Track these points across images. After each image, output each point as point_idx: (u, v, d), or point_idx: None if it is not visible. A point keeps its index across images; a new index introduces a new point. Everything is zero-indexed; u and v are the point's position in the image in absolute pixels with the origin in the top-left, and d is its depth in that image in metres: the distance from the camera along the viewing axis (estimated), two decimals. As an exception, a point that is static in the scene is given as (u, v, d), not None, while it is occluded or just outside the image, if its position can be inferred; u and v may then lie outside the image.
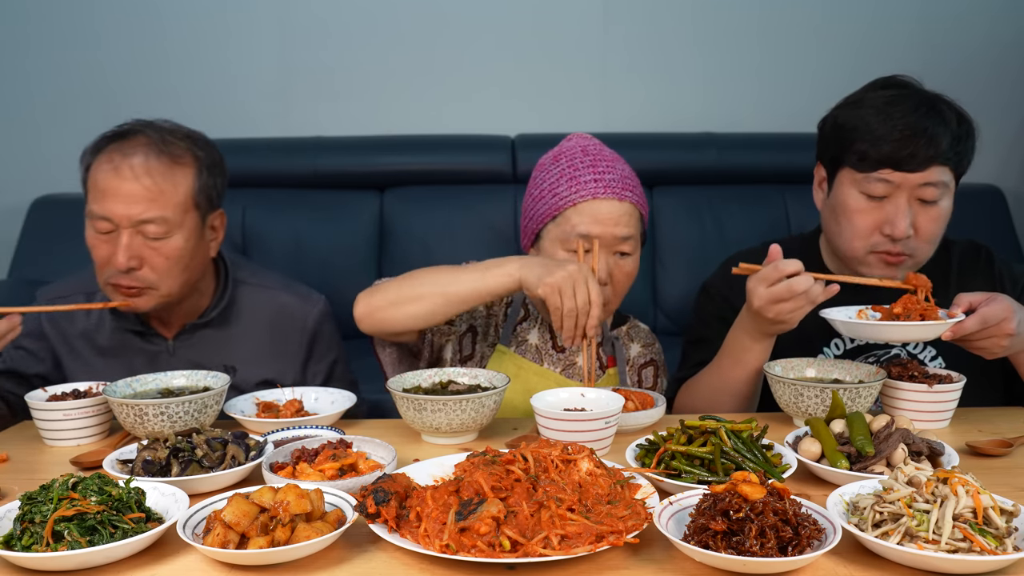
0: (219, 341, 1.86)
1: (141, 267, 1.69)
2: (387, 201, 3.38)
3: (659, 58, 3.61)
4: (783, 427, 1.57)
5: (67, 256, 3.04)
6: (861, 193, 1.69)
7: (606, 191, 1.72)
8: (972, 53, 3.57)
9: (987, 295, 1.54)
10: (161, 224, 1.68)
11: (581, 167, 1.75)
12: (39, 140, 3.56)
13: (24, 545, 1.03)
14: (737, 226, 3.28)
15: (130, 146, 1.70)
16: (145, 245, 1.69)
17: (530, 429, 1.53)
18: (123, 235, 1.67)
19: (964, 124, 1.67)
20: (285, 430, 1.51)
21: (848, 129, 1.69)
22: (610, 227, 1.72)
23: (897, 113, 1.64)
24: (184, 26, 3.53)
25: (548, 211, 1.76)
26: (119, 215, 1.66)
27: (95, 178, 1.69)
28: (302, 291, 1.95)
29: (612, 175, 1.74)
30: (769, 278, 1.51)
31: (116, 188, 1.66)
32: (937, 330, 1.50)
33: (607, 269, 1.74)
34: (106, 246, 1.69)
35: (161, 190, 1.68)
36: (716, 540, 0.98)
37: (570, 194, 1.73)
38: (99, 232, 1.69)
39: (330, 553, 1.05)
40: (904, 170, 1.64)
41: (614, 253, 1.75)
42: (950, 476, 1.05)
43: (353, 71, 3.58)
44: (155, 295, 1.73)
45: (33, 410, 1.54)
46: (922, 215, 1.67)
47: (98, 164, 1.70)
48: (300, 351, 1.91)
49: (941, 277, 1.82)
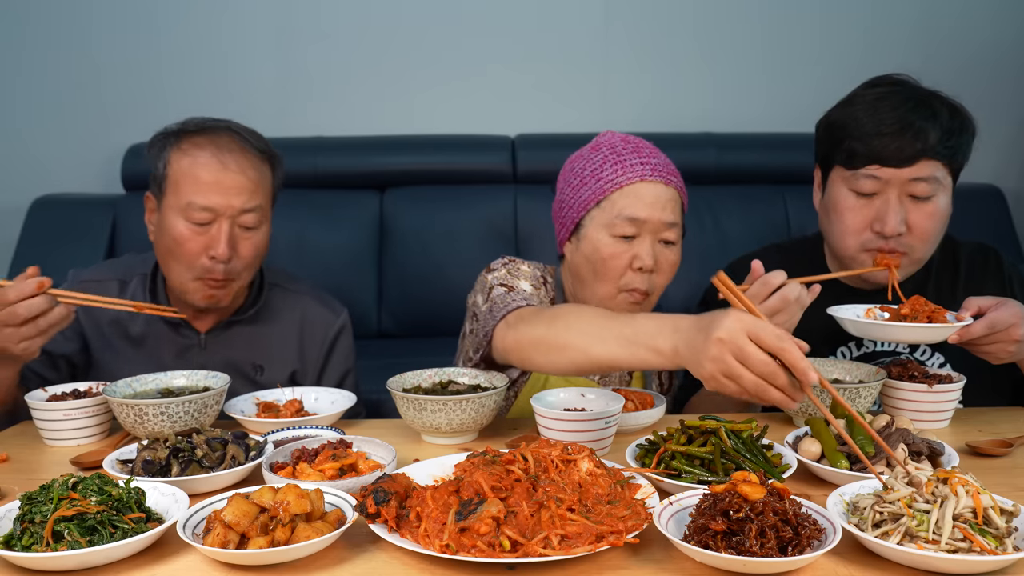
0: (250, 339, 1.87)
1: (233, 258, 1.72)
2: (387, 201, 3.38)
3: (659, 58, 3.61)
4: (783, 427, 1.57)
5: (67, 256, 3.05)
6: (851, 191, 1.68)
7: (653, 174, 1.67)
8: (972, 54, 3.57)
9: (997, 300, 1.54)
10: (258, 213, 1.73)
11: (624, 152, 1.71)
12: (39, 140, 3.56)
13: (24, 545, 1.03)
14: (737, 226, 3.28)
15: (222, 140, 1.73)
16: (240, 235, 1.73)
17: (530, 429, 1.53)
18: (223, 224, 1.70)
19: (957, 118, 1.64)
20: (285, 430, 1.51)
21: (838, 127, 1.69)
22: (657, 211, 1.66)
23: (885, 108, 1.63)
24: (183, 27, 3.52)
25: (591, 196, 1.70)
26: (223, 205, 1.69)
27: (189, 170, 1.70)
28: (328, 301, 1.99)
29: (657, 160, 1.71)
30: (759, 295, 1.46)
31: (219, 179, 1.69)
32: (944, 332, 1.49)
33: (654, 256, 1.67)
34: (200, 238, 1.70)
35: (259, 181, 1.74)
36: (716, 540, 0.98)
37: (616, 177, 1.68)
38: (195, 223, 1.70)
39: (330, 553, 1.05)
40: (891, 165, 1.62)
41: (660, 241, 1.69)
42: (950, 476, 1.05)
43: (353, 71, 3.58)
44: (234, 287, 1.77)
45: (33, 410, 1.53)
46: (915, 212, 1.65)
47: (190, 157, 1.71)
48: (319, 359, 1.94)
49: (949, 280, 1.82)
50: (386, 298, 3.30)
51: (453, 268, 3.21)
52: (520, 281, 1.73)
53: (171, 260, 1.74)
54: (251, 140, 1.76)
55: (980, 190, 3.39)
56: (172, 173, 1.71)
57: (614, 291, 1.70)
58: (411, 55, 3.57)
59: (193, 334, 1.85)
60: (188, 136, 1.73)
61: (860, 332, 1.56)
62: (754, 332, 1.11)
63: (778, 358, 1.11)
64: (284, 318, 1.92)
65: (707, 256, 3.18)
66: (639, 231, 1.67)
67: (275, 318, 1.91)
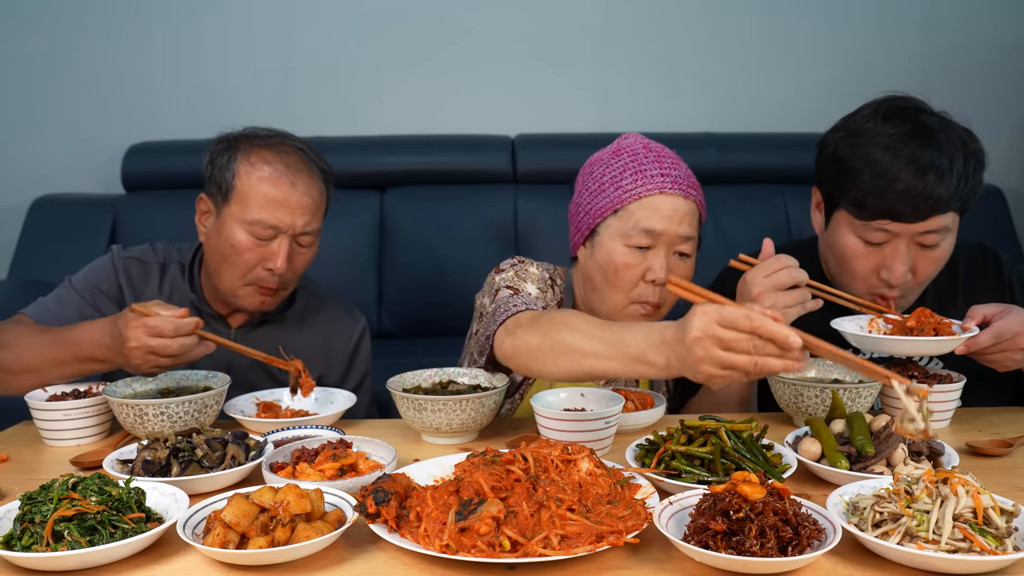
0: (278, 339, 1.87)
1: (287, 270, 1.77)
2: (387, 201, 3.38)
3: (659, 58, 3.61)
4: (783, 427, 1.57)
5: (67, 256, 3.05)
6: (859, 238, 1.64)
7: (673, 186, 1.66)
8: (974, 55, 3.57)
9: (1001, 307, 1.53)
10: (315, 235, 1.81)
11: (646, 162, 1.69)
12: (39, 140, 3.56)
13: (24, 545, 1.03)
14: (737, 226, 3.28)
15: (291, 159, 1.77)
16: (296, 251, 1.79)
17: (530, 429, 1.53)
18: (284, 241, 1.75)
19: (971, 160, 1.57)
20: (285, 430, 1.51)
21: (847, 169, 1.62)
22: (674, 224, 1.65)
23: (901, 157, 1.55)
24: (184, 27, 3.52)
25: (609, 205, 1.69)
26: (287, 224, 1.74)
27: (258, 187, 1.73)
28: (349, 307, 2.05)
29: (678, 172, 1.69)
30: (770, 267, 1.48)
31: (286, 199, 1.73)
32: (951, 345, 1.48)
33: (667, 269, 1.66)
34: (259, 250, 1.75)
35: (319, 203, 1.80)
36: (716, 540, 0.98)
37: (635, 187, 1.66)
38: (257, 237, 1.74)
39: (330, 553, 1.05)
40: (904, 221, 1.57)
41: (674, 253, 1.69)
42: (950, 476, 1.05)
43: (353, 71, 3.58)
44: (282, 295, 1.85)
45: (33, 410, 1.54)
46: (921, 258, 1.62)
47: (259, 172, 1.74)
48: (343, 362, 1.98)
49: (948, 282, 1.80)
50: (386, 298, 3.30)
51: (453, 268, 3.21)
52: (527, 284, 1.73)
53: (225, 265, 1.77)
54: (315, 160, 1.81)
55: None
56: (240, 185, 1.73)
57: (625, 301, 1.69)
58: (411, 55, 3.57)
59: (225, 328, 1.88)
60: (257, 150, 1.76)
61: (865, 346, 1.54)
62: (723, 318, 1.12)
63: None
64: (311, 322, 1.96)
65: (707, 256, 3.17)
66: (654, 243, 1.66)
67: (303, 321, 1.96)
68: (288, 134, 1.85)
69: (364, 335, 2.03)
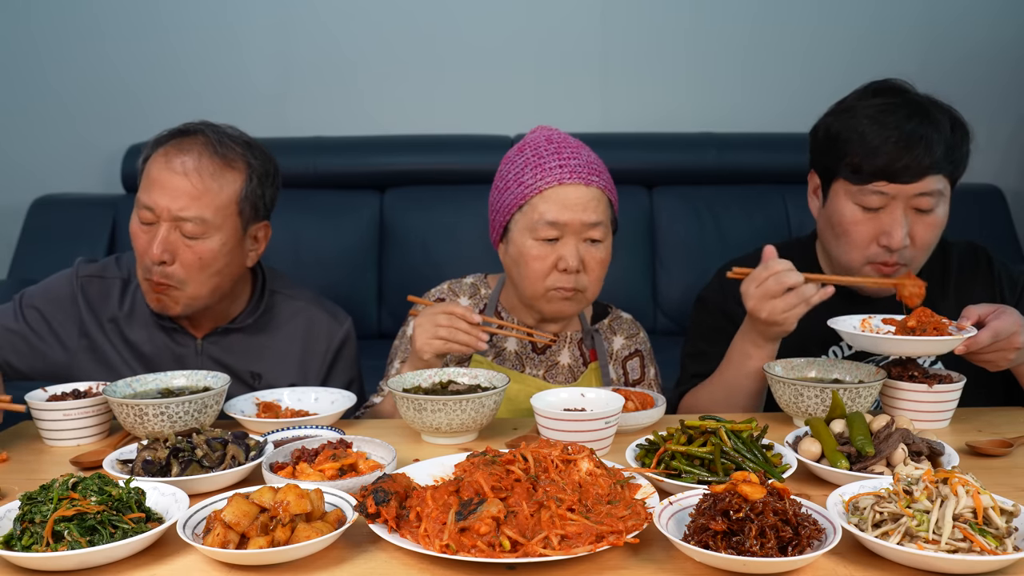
0: (249, 347, 1.85)
1: (172, 263, 1.69)
2: (387, 201, 3.38)
3: (659, 58, 3.61)
4: (783, 427, 1.57)
5: (67, 256, 3.04)
6: (856, 205, 1.68)
7: (572, 176, 1.70)
8: (971, 53, 3.57)
9: (994, 307, 1.54)
10: (199, 224, 1.68)
11: (545, 155, 1.73)
12: (39, 140, 3.56)
13: (24, 545, 1.03)
14: (736, 226, 3.28)
15: (188, 143, 1.72)
16: (181, 241, 1.69)
17: (530, 429, 1.53)
18: (161, 227, 1.68)
19: (958, 130, 1.66)
20: (285, 430, 1.51)
21: (841, 140, 1.68)
22: (578, 213, 1.69)
23: (890, 123, 1.63)
24: (184, 26, 3.52)
25: (514, 201, 1.74)
26: (161, 207, 1.67)
27: (148, 169, 1.71)
28: (332, 309, 1.96)
29: (577, 161, 1.72)
30: (759, 277, 1.52)
31: (164, 181, 1.68)
32: (950, 345, 1.49)
33: (578, 257, 1.71)
34: (145, 236, 1.70)
35: (206, 190, 1.69)
36: (716, 540, 0.98)
37: (535, 181, 1.71)
38: (142, 222, 1.71)
39: (330, 553, 1.05)
40: (899, 181, 1.62)
41: (584, 240, 1.72)
42: (950, 476, 1.05)
43: (353, 71, 3.58)
44: (182, 296, 1.73)
45: (33, 410, 1.53)
46: (918, 224, 1.66)
47: (155, 156, 1.72)
48: (322, 368, 1.92)
49: (940, 279, 1.82)
50: (386, 298, 3.30)
51: (453, 268, 3.18)
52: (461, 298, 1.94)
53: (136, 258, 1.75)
54: (218, 147, 1.72)
55: (980, 190, 3.39)
56: (143, 169, 1.73)
57: (542, 291, 1.75)
58: (411, 55, 3.57)
59: (189, 340, 1.84)
60: (167, 137, 1.75)
61: (863, 346, 1.56)
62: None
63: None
64: (286, 327, 1.89)
65: (707, 256, 3.19)
66: (561, 233, 1.71)
67: (276, 327, 1.89)
68: (211, 124, 1.77)
69: (348, 340, 1.94)
